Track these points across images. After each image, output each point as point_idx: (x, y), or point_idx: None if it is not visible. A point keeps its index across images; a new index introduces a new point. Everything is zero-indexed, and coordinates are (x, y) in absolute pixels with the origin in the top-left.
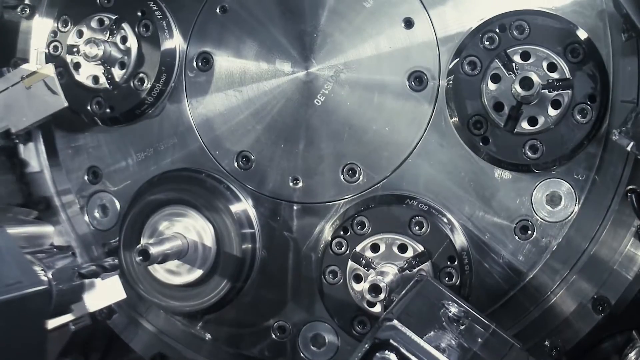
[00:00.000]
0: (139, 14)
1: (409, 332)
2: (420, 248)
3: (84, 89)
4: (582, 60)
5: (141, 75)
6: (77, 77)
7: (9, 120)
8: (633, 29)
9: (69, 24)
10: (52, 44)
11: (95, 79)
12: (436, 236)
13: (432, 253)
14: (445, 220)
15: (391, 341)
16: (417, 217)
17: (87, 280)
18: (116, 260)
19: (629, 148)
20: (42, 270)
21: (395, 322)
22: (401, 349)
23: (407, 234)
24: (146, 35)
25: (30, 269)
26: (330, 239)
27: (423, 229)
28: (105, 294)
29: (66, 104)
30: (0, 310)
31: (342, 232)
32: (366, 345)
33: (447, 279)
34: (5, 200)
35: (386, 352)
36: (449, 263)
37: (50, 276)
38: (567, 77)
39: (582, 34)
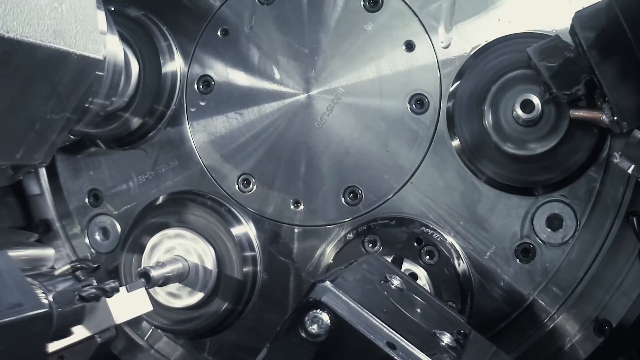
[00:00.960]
0: (143, 38)
1: (341, 294)
2: (421, 270)
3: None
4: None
5: (141, 98)
6: None
7: None
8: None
9: None
10: None
11: None
12: (437, 258)
13: (433, 275)
14: (446, 242)
15: (322, 299)
16: (417, 240)
17: (110, 293)
18: (117, 283)
19: (630, 171)
20: (42, 293)
21: (327, 283)
22: (333, 307)
23: (408, 256)
24: (148, 58)
25: (32, 291)
26: (331, 261)
27: (423, 251)
28: (131, 306)
29: None
30: (1, 333)
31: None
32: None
33: (448, 300)
34: (6, 223)
35: (318, 310)
36: (449, 284)
37: (51, 299)
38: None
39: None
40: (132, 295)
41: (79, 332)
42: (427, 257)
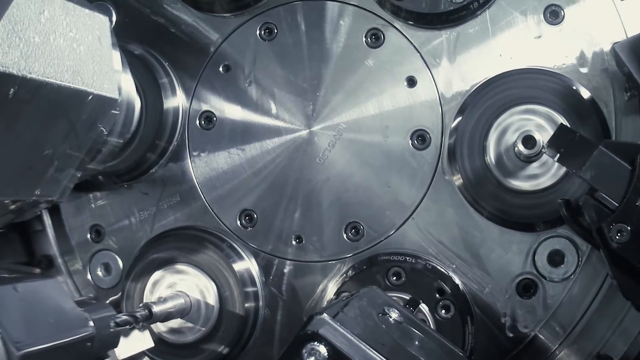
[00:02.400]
0: (144, 75)
1: (338, 326)
2: (423, 305)
3: None
4: (584, 119)
5: (143, 134)
6: None
7: None
8: (635, 87)
9: None
10: None
11: None
12: (438, 294)
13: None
14: (447, 278)
15: (320, 332)
16: (419, 275)
17: (140, 320)
18: (147, 311)
19: (555, 159)
20: (86, 318)
21: (325, 315)
22: (331, 339)
23: (410, 292)
24: (150, 94)
25: (81, 316)
26: (333, 297)
27: (425, 287)
28: (133, 341)
29: None
30: (53, 354)
31: (345, 290)
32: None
33: (450, 335)
34: (9, 258)
35: (315, 343)
36: (451, 320)
37: (92, 324)
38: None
39: (584, 93)
40: (134, 331)
41: None
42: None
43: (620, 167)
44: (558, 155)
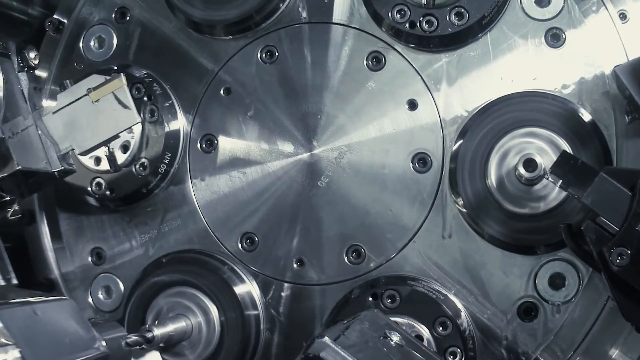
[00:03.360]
0: (145, 98)
1: (339, 349)
2: (424, 329)
3: (85, 169)
4: (586, 142)
5: (143, 160)
6: (79, 157)
7: (74, 139)
8: (637, 110)
9: None
10: None
11: (97, 160)
12: (439, 317)
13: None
14: (448, 301)
15: (322, 355)
16: (420, 299)
17: (150, 340)
18: (156, 332)
19: (558, 185)
20: (99, 338)
21: (326, 338)
22: None
23: (411, 315)
24: (151, 120)
25: (94, 336)
26: (334, 320)
27: (426, 310)
28: None
29: (139, 120)
30: None
31: (346, 314)
32: None
33: (451, 358)
34: (10, 281)
35: None
36: (452, 343)
37: (105, 344)
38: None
39: (585, 116)
40: (144, 352)
41: None
42: (429, 315)
43: (621, 193)
44: (560, 181)
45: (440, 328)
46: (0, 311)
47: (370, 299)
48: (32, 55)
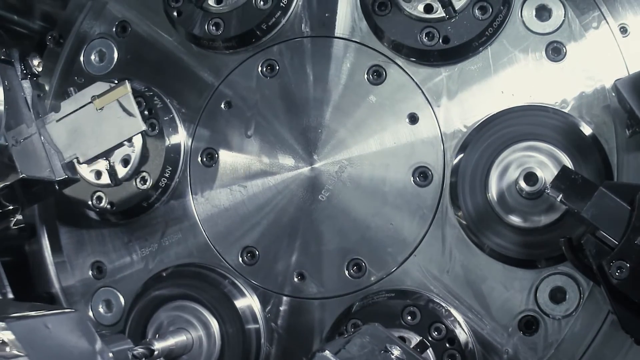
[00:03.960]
0: (146, 112)
1: None
2: (425, 342)
3: (86, 183)
4: (586, 156)
5: (144, 174)
6: (80, 171)
7: (77, 148)
8: (637, 124)
9: None
10: None
11: (98, 173)
12: (440, 331)
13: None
14: (449, 315)
15: None
16: (421, 312)
17: (155, 352)
18: (157, 346)
19: (558, 199)
20: (107, 350)
21: (327, 352)
22: None
23: (412, 328)
24: (152, 134)
25: (102, 348)
26: (335, 333)
27: (427, 325)
28: None
29: (144, 128)
30: None
31: (346, 328)
32: None
33: None
34: (10, 295)
35: None
36: (453, 357)
37: (112, 355)
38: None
39: (586, 130)
40: None
41: None
42: (430, 328)
43: (620, 207)
44: (560, 195)
45: (441, 342)
46: (12, 323)
47: (371, 312)
48: (35, 62)
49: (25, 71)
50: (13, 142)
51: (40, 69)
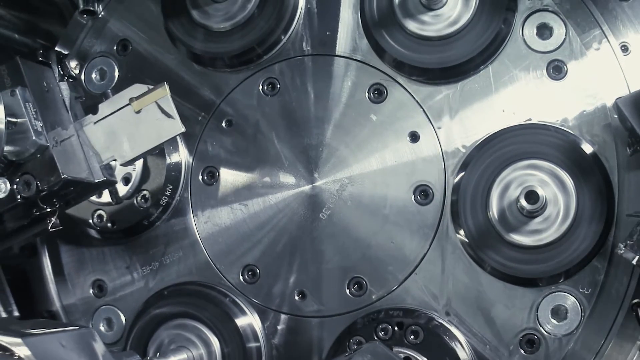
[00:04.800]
0: None
1: None
2: None
3: (87, 202)
4: (587, 174)
5: (145, 192)
6: None
7: (115, 150)
8: (638, 142)
9: None
10: None
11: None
12: (441, 350)
13: None
14: (450, 333)
15: None
16: (422, 331)
17: None
18: None
19: (634, 262)
20: None
21: None
22: None
23: (413, 347)
24: (152, 152)
25: None
26: (336, 352)
27: (428, 342)
28: None
29: (183, 129)
30: None
31: (348, 346)
32: None
33: None
34: (12, 313)
35: None
36: None
37: None
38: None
39: (587, 148)
40: None
41: None
42: (430, 346)
43: None
44: (637, 257)
45: (440, 358)
46: (28, 339)
47: (372, 331)
48: (73, 64)
49: (62, 73)
50: (54, 143)
51: (77, 71)
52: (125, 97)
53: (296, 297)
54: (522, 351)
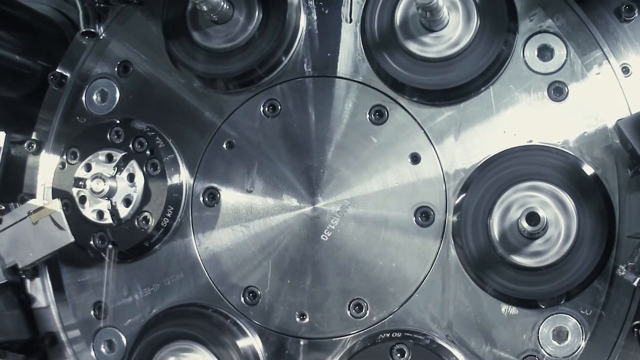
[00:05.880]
0: (148, 152)
1: None
2: None
3: (88, 223)
4: (588, 196)
5: (146, 214)
6: (82, 211)
7: (16, 255)
8: (639, 164)
9: (77, 156)
10: (59, 175)
11: (100, 214)
12: None
13: None
14: (451, 355)
15: None
16: (423, 353)
17: None
18: None
19: (635, 283)
20: None
21: None
22: None
23: None
24: (153, 174)
25: None
26: None
27: None
28: None
29: (72, 240)
30: None
31: None
32: None
33: None
34: (12, 336)
35: None
36: None
37: None
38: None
39: (588, 170)
40: None
41: None
42: None
43: None
44: (638, 279)
45: None
46: None
47: (373, 353)
48: None
49: None
50: None
51: None
52: (25, 210)
53: (297, 319)
54: None
